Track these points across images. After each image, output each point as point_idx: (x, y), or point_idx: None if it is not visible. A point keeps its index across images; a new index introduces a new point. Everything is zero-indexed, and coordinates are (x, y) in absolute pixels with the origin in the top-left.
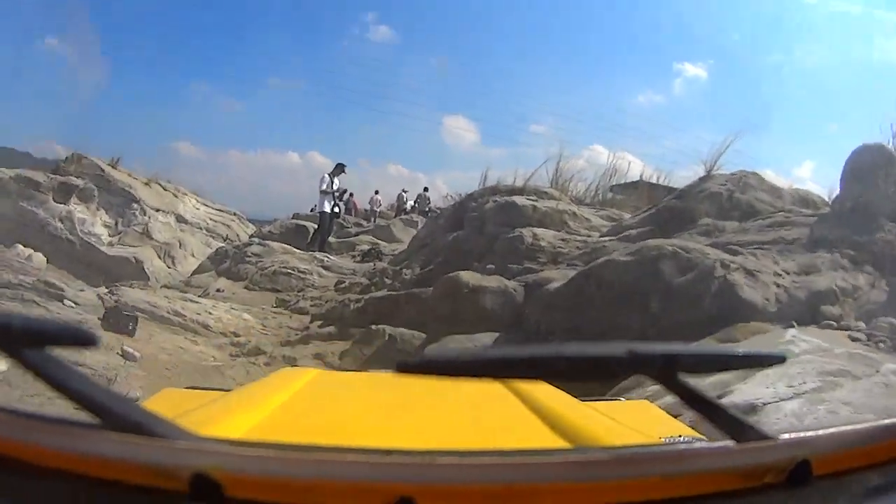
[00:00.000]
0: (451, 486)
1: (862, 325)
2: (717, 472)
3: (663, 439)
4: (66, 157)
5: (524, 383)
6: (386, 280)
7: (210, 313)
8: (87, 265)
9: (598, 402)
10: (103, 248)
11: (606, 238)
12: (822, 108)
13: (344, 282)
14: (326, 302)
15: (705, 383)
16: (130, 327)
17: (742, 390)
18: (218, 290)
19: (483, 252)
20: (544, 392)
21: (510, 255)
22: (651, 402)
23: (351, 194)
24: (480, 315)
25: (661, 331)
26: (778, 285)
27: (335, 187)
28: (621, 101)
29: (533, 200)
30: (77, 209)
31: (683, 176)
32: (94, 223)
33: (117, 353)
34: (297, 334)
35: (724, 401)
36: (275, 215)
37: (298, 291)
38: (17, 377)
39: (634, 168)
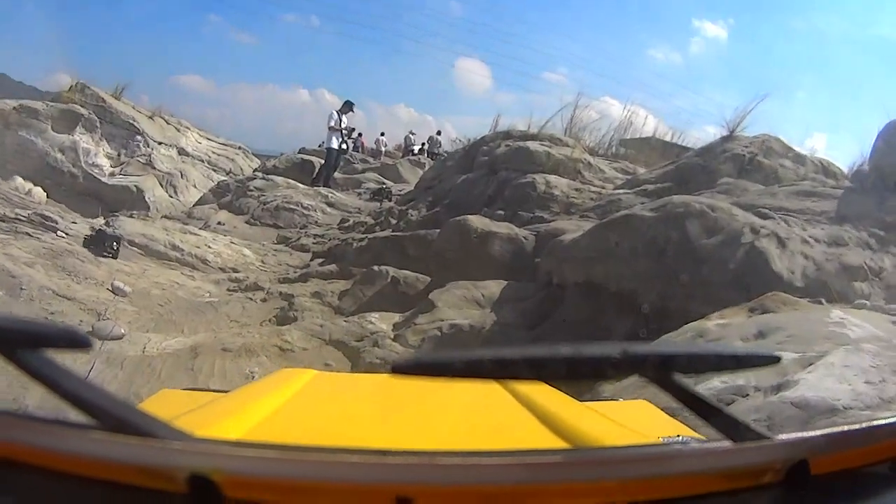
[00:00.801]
0: (450, 486)
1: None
2: (715, 472)
3: (661, 439)
4: (69, 87)
5: (522, 384)
6: (391, 220)
7: (209, 247)
8: (88, 196)
9: (596, 402)
10: (104, 179)
11: (622, 191)
12: (841, 80)
13: (348, 220)
14: (329, 240)
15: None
16: (115, 247)
17: (809, 383)
18: (219, 223)
19: (493, 197)
20: (542, 393)
21: (521, 202)
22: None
23: (360, 134)
24: (488, 261)
25: (684, 292)
26: (806, 256)
27: (343, 124)
28: (637, 56)
29: (547, 147)
30: (82, 139)
31: (696, 136)
32: (98, 153)
33: (107, 287)
34: (296, 272)
35: (788, 394)
36: (282, 151)
37: (301, 228)
38: None
39: (647, 124)
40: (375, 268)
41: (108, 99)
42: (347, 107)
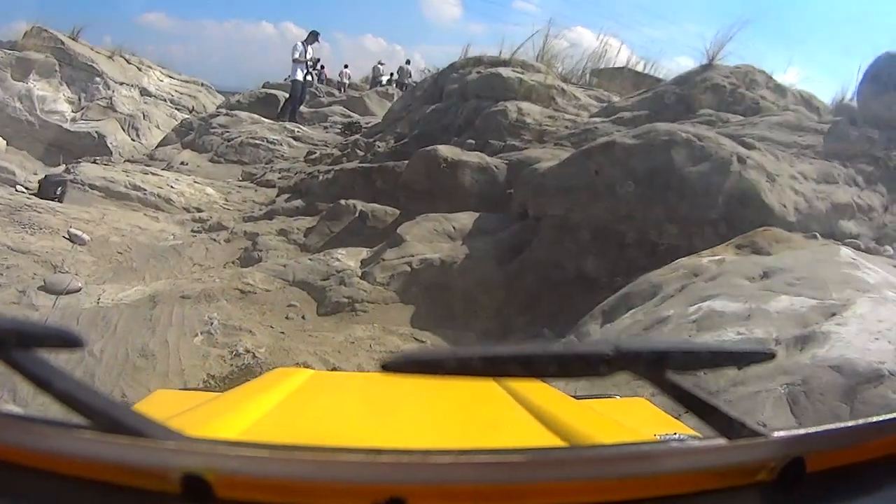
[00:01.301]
0: (443, 485)
1: (889, 249)
2: (710, 469)
3: (657, 437)
4: (25, 32)
5: (517, 381)
6: (358, 151)
7: (172, 187)
8: (49, 144)
9: (592, 399)
10: (66, 125)
11: (598, 119)
12: (817, 15)
13: (314, 153)
14: (295, 174)
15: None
16: (59, 191)
17: (844, 341)
18: (182, 164)
19: (463, 126)
20: (537, 390)
21: (492, 131)
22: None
23: (322, 66)
24: (459, 192)
25: (670, 225)
26: (796, 192)
27: (308, 56)
28: None
29: (519, 73)
30: (37, 86)
31: (667, 67)
32: (57, 99)
33: (63, 236)
34: (261, 209)
35: (822, 353)
36: (246, 87)
37: (266, 163)
38: None
39: (620, 54)
40: (342, 202)
41: (67, 41)
42: (313, 37)
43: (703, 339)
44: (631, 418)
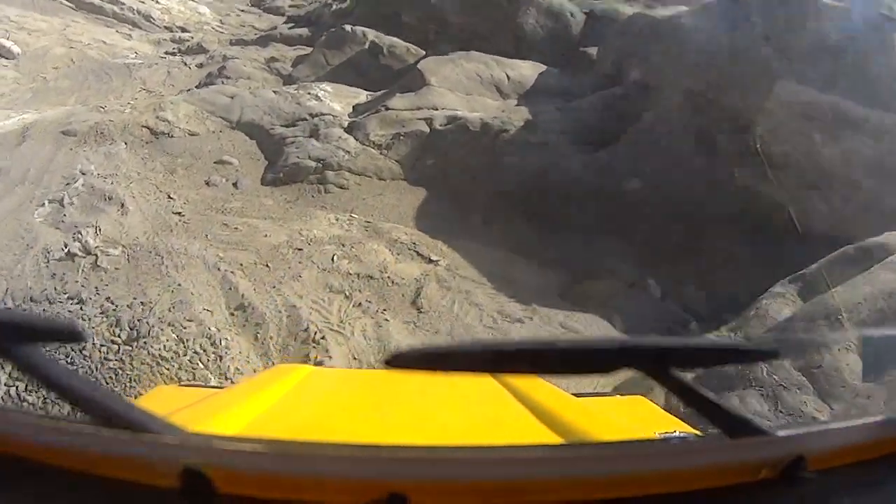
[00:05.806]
0: (444, 481)
1: None
2: (712, 467)
3: (658, 434)
4: None
5: (517, 379)
6: None
7: (157, 2)
8: None
9: (593, 397)
10: None
11: None
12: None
13: None
14: (310, 3)
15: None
16: None
17: None
18: None
19: None
20: (538, 388)
21: None
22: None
23: None
24: (516, 37)
25: None
26: None
27: None
28: None
29: None
30: None
31: None
32: None
33: None
34: (257, 34)
35: None
36: None
37: None
38: None
39: None
40: (347, 27)
41: None
42: None
43: None
44: (631, 416)
